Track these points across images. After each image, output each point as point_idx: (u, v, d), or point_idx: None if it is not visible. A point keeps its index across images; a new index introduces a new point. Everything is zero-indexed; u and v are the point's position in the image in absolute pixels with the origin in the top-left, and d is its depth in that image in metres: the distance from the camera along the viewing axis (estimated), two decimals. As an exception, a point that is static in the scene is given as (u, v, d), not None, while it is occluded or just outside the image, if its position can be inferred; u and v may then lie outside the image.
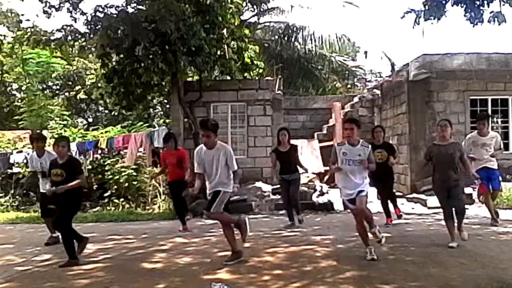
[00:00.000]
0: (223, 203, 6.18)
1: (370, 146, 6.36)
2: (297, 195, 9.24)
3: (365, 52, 21.45)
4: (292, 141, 9.39)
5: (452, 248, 6.54)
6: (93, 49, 13.37)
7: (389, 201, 8.93)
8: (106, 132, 16.45)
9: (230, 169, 6.15)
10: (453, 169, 6.70)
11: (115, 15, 11.98)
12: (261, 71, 16.81)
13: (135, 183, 13.80)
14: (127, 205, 13.01)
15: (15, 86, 25.34)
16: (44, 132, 15.78)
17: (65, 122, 19.11)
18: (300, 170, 9.16)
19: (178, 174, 8.92)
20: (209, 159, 6.12)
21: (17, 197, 14.33)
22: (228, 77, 14.82)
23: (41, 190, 8.15)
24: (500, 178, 8.56)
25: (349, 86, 24.17)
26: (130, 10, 12.43)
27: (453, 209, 6.73)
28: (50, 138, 13.40)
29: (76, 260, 6.37)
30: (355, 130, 6.20)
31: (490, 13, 6.88)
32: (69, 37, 12.58)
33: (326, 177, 13.83)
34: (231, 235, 6.30)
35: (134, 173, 13.77)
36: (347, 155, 6.16)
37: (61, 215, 6.53)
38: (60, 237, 7.89)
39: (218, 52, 12.69)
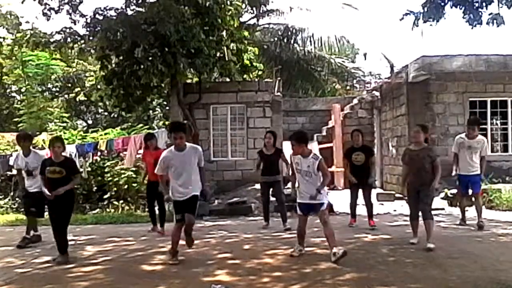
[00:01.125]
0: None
1: (319, 158, 6.46)
2: (282, 199, 9.21)
3: (365, 54, 21.65)
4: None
5: (413, 244, 6.89)
6: (92, 51, 13.38)
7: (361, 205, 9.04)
8: (105, 134, 16.43)
9: (199, 165, 6.35)
10: (424, 173, 6.90)
11: (114, 17, 11.99)
12: (260, 73, 16.82)
13: (134, 185, 13.77)
14: (126, 207, 12.98)
15: (14, 88, 25.33)
16: (44, 134, 15.83)
17: (64, 124, 19.11)
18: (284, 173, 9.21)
19: (155, 175, 8.90)
20: (180, 161, 6.23)
21: (16, 199, 14.30)
22: (228, 79, 14.82)
23: (28, 189, 8.07)
24: (481, 183, 8.79)
25: (348, 88, 24.19)
26: (129, 12, 12.44)
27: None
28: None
29: (67, 255, 6.65)
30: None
31: (489, 15, 6.91)
32: (69, 39, 12.58)
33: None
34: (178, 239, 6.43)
35: (134, 175, 13.75)
36: (299, 165, 6.42)
37: (64, 217, 6.73)
38: (32, 238, 8.12)
39: (218, 54, 12.70)
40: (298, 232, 6.70)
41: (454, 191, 10.21)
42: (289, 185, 7.16)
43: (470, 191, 8.66)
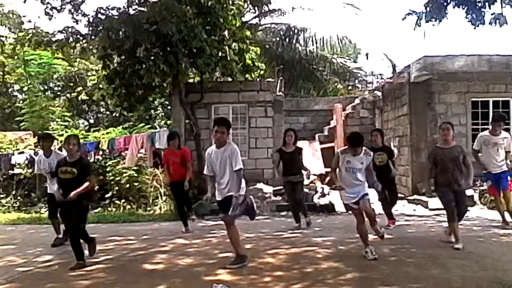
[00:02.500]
0: (239, 207, 6.00)
1: (372, 153, 6.44)
2: (302, 197, 9.20)
3: (366, 54, 21.67)
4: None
5: (458, 250, 6.51)
6: (94, 50, 13.39)
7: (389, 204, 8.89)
8: (107, 133, 16.45)
9: (234, 167, 5.97)
10: (458, 172, 6.73)
11: (116, 17, 12.00)
12: (262, 72, 16.81)
13: (136, 184, 13.80)
14: (128, 206, 13.01)
15: (16, 87, 25.36)
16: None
17: (66, 123, 19.14)
18: (303, 172, 9.12)
19: (181, 174, 8.92)
20: (219, 159, 6.01)
21: (18, 198, 14.34)
22: (229, 79, 14.81)
23: (49, 191, 8.09)
24: (509, 178, 8.42)
25: (350, 87, 24.18)
26: (131, 11, 12.45)
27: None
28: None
29: (84, 261, 6.30)
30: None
31: (492, 14, 6.91)
32: (71, 39, 12.60)
33: (327, 179, 13.82)
34: (237, 238, 6.16)
35: (135, 174, 13.77)
36: (351, 163, 6.24)
37: (77, 219, 6.38)
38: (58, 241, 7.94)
39: (219, 54, 12.69)
40: (362, 234, 6.42)
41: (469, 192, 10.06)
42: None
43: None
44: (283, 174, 8.97)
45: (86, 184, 6.30)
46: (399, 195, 12.73)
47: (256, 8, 16.68)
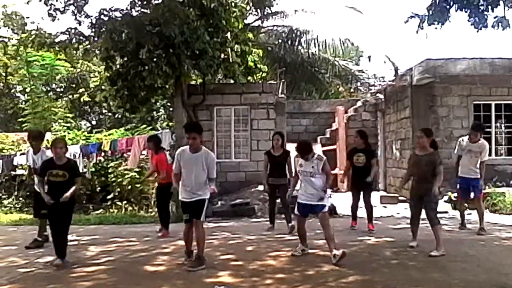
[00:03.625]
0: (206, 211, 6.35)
1: (324, 158, 6.65)
2: (287, 201, 9.19)
3: (369, 57, 21.62)
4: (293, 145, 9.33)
5: (412, 247, 6.90)
6: (97, 52, 13.41)
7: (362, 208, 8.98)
8: (109, 134, 16.49)
9: (210, 175, 6.19)
10: (427, 179, 6.84)
11: (119, 18, 12.01)
12: (264, 74, 16.84)
13: (138, 185, 13.81)
14: (130, 208, 13.03)
15: (19, 88, 25.42)
16: (48, 134, 15.86)
17: (68, 125, 19.16)
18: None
19: (161, 178, 8.92)
20: (190, 162, 6.15)
21: (20, 198, 14.35)
22: (232, 81, 14.84)
23: (36, 189, 7.93)
24: (481, 186, 8.65)
25: (352, 90, 24.18)
26: (134, 13, 12.45)
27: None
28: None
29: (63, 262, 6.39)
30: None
31: (494, 18, 6.90)
32: (74, 40, 12.62)
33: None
34: (203, 240, 6.35)
35: (137, 176, 13.78)
36: (303, 167, 6.55)
37: (66, 220, 6.50)
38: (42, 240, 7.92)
39: (222, 56, 12.70)
40: (299, 233, 6.80)
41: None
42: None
43: (472, 195, 8.61)
44: (268, 175, 9.03)
45: (77, 184, 6.56)
46: (401, 198, 12.81)
47: (258, 11, 16.75)
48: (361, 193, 8.79)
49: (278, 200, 9.36)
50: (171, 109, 19.75)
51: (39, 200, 7.53)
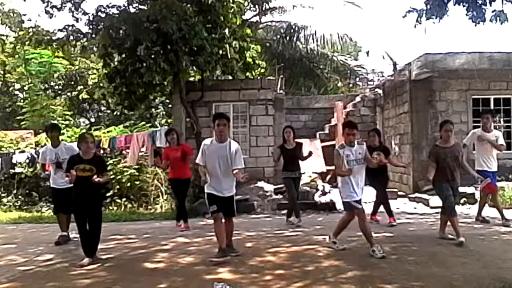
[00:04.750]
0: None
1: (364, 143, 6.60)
2: (297, 195, 9.24)
3: (367, 52, 21.51)
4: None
5: (461, 243, 6.59)
6: (95, 49, 13.41)
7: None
8: (108, 132, 16.48)
9: (238, 165, 6.14)
10: (457, 170, 6.90)
11: (117, 15, 12.00)
12: (263, 70, 16.81)
13: (137, 183, 13.82)
14: (129, 205, 13.03)
15: (17, 86, 25.34)
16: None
17: (67, 122, 19.17)
18: (302, 169, 9.16)
19: (181, 172, 8.94)
20: (216, 153, 6.13)
21: (19, 197, 14.36)
22: (230, 77, 14.82)
23: (52, 185, 8.05)
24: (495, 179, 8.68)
25: (351, 85, 24.15)
26: (131, 10, 12.45)
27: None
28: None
29: (93, 258, 6.39)
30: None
31: (492, 12, 6.87)
32: (71, 37, 12.59)
33: (328, 177, 13.83)
34: (223, 232, 6.29)
35: (136, 173, 13.78)
36: (350, 156, 6.34)
37: (97, 215, 6.53)
38: (69, 236, 7.94)
39: (220, 52, 12.68)
40: (366, 233, 6.48)
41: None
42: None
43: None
44: (283, 169, 9.04)
45: (106, 176, 6.74)
46: (400, 193, 12.83)
47: (256, 6, 16.71)
48: (376, 189, 8.85)
49: (277, 197, 9.38)
50: (169, 105, 19.74)
51: (59, 197, 7.72)
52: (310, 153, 9.11)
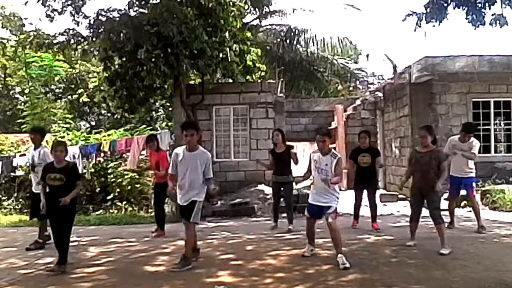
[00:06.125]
0: (200, 213, 6.25)
1: (338, 156, 6.43)
2: (290, 200, 9.20)
3: (367, 55, 21.58)
4: (294, 144, 9.36)
5: (409, 246, 6.90)
6: (95, 52, 13.39)
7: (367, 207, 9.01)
8: (108, 135, 16.48)
9: (206, 175, 6.14)
10: (429, 176, 6.82)
11: (117, 19, 11.99)
12: (263, 74, 16.81)
13: (137, 186, 13.81)
14: (129, 208, 13.02)
15: (18, 89, 25.43)
16: (47, 136, 15.86)
17: (67, 125, 19.17)
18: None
19: (159, 177, 8.90)
20: (186, 162, 6.12)
21: (20, 200, 14.35)
22: (230, 80, 14.83)
23: (34, 190, 7.98)
24: (474, 185, 8.61)
25: (351, 88, 24.18)
26: (132, 13, 12.44)
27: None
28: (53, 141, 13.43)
29: (65, 268, 6.26)
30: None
31: (492, 15, 6.90)
32: (72, 41, 12.60)
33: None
34: (192, 242, 6.34)
35: (137, 176, 13.78)
36: (316, 163, 6.39)
37: (67, 225, 6.40)
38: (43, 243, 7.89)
39: (220, 55, 12.69)
40: (308, 233, 6.68)
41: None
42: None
43: (463, 193, 8.65)
44: (272, 173, 9.07)
45: (77, 188, 6.42)
46: (400, 196, 12.81)
47: (256, 10, 16.70)
48: (365, 192, 8.82)
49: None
50: (170, 109, 19.78)
51: (37, 202, 7.51)
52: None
